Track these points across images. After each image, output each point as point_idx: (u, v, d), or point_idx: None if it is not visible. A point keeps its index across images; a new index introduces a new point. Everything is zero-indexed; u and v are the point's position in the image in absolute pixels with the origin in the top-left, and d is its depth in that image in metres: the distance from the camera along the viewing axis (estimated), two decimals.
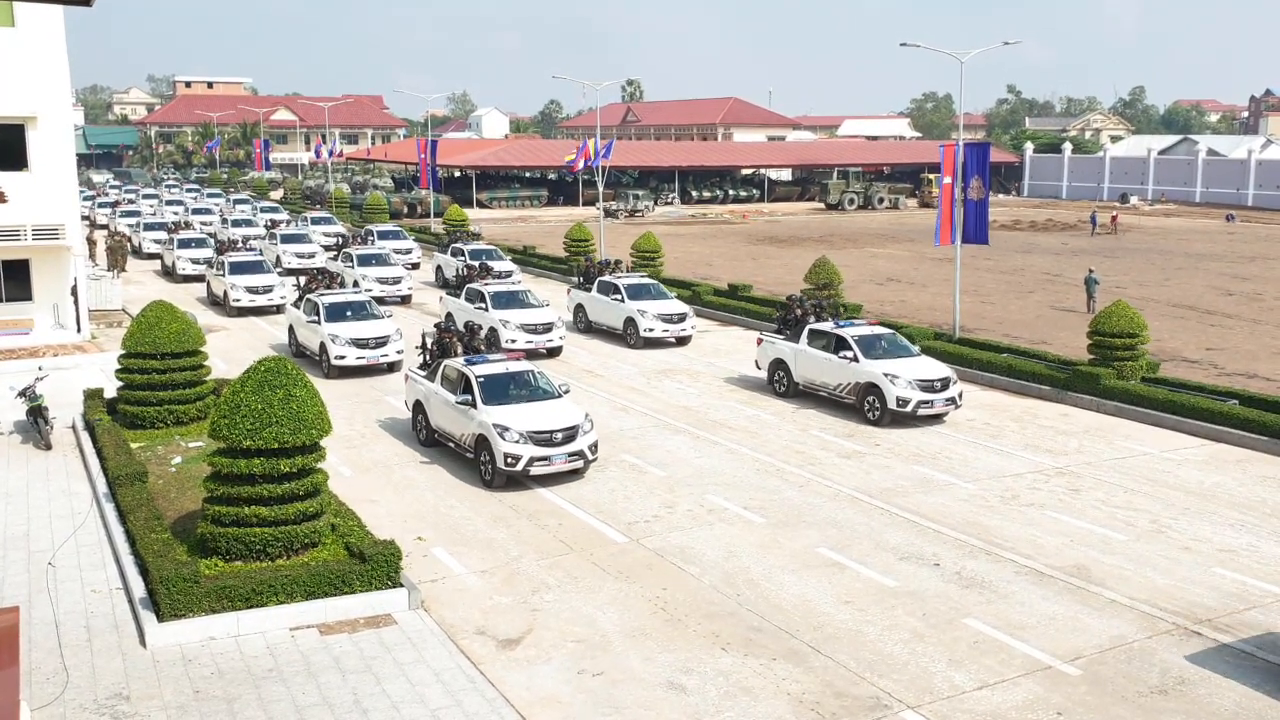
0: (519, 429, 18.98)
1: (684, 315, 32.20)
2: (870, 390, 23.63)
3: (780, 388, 26.19)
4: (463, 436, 20.12)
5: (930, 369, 23.97)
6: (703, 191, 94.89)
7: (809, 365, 25.34)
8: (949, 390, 23.53)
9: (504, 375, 20.57)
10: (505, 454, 18.76)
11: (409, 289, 40.19)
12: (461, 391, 20.24)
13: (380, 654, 13.19)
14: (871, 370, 23.65)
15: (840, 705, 12.20)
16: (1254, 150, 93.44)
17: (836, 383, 24.55)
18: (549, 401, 20.20)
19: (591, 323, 33.90)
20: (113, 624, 13.84)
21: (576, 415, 19.81)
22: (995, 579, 15.59)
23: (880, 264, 52.43)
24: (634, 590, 15.13)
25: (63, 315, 30.71)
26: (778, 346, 26.49)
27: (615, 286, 32.92)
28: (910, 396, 23.12)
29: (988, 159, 30.46)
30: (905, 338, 25.94)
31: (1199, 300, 41.14)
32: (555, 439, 19.12)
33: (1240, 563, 16.23)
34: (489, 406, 19.56)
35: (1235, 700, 12.36)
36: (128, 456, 18.60)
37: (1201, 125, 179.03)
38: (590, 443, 19.53)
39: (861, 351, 24.06)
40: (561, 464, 19.16)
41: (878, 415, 23.46)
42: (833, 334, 24.96)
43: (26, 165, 28.77)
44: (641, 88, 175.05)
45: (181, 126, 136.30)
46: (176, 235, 46.82)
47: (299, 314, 29.82)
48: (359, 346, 27.57)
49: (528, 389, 20.56)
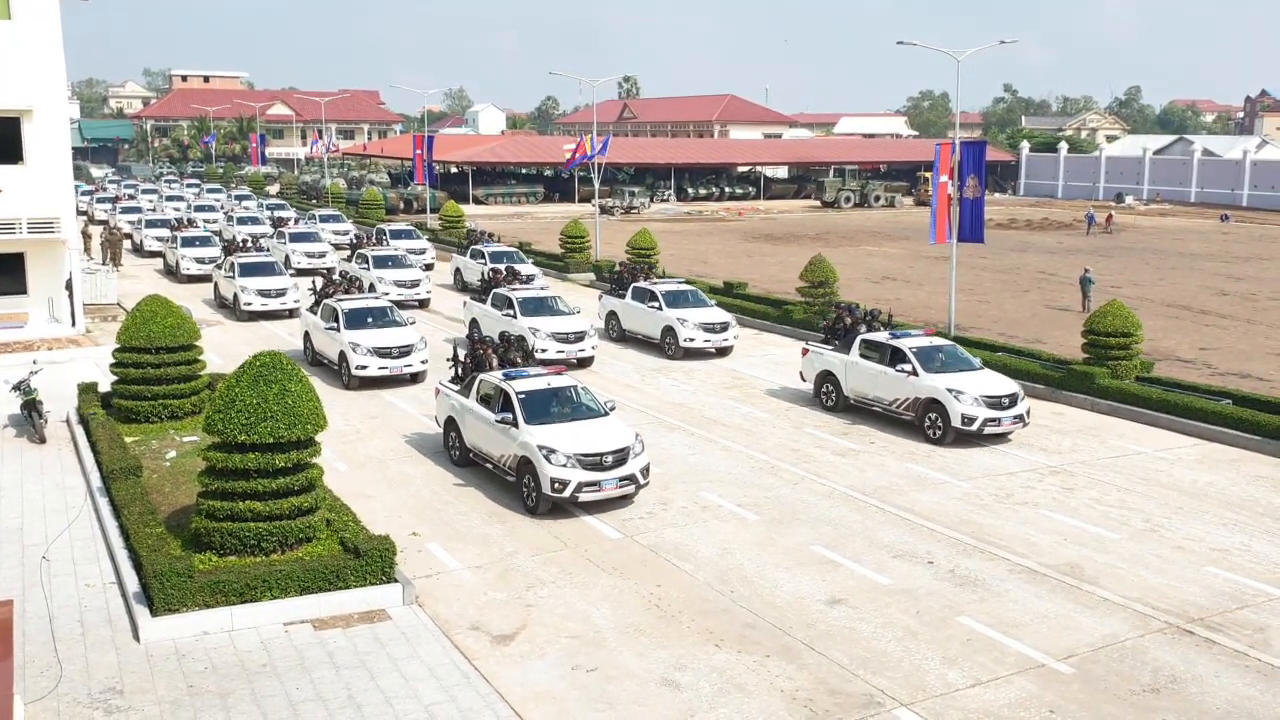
0: (566, 451, 17.48)
1: (726, 324, 30.40)
2: (931, 407, 22.07)
3: (828, 401, 24.63)
4: (502, 458, 18.69)
5: (996, 384, 22.46)
6: (699, 189, 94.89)
7: (861, 378, 23.79)
8: (1016, 407, 22.02)
9: (546, 391, 19.06)
10: (552, 479, 17.30)
11: (427, 292, 38.30)
12: (500, 409, 18.73)
13: (374, 649, 13.20)
14: (933, 385, 22.07)
15: (834, 702, 12.22)
16: (1249, 151, 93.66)
17: (893, 398, 22.96)
18: (596, 420, 18.73)
19: (625, 331, 32.19)
20: (106, 618, 13.84)
21: (626, 436, 18.27)
22: (989, 577, 15.63)
23: (876, 262, 52.47)
24: (628, 587, 15.15)
25: (57, 309, 30.67)
26: (825, 357, 24.81)
27: (652, 293, 31.14)
28: (976, 414, 21.58)
29: (984, 158, 30.49)
30: (966, 350, 24.41)
31: (1193, 300, 41.22)
32: (605, 462, 17.61)
33: (1233, 562, 16.28)
34: (532, 426, 18.07)
35: (1227, 699, 12.40)
36: (122, 451, 18.59)
37: (1197, 125, 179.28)
38: (642, 466, 18.02)
39: (920, 364, 22.54)
40: (612, 490, 17.64)
41: (940, 434, 21.89)
42: (888, 345, 23.32)
43: (22, 158, 28.72)
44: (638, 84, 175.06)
45: (177, 120, 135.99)
46: (180, 233, 45.20)
47: (316, 319, 28.28)
48: (381, 356, 25.95)
49: (571, 406, 19.09)
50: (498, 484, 19.24)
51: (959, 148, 30.00)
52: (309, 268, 43.35)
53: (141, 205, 62.57)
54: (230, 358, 27.26)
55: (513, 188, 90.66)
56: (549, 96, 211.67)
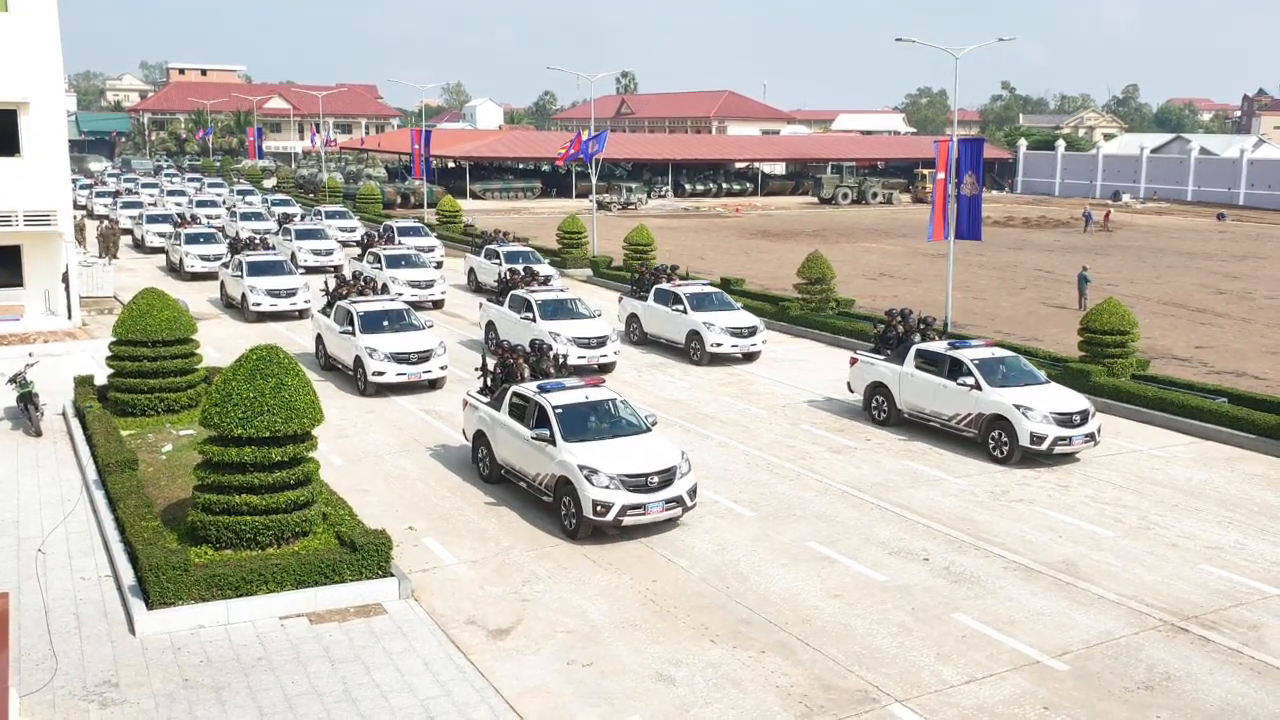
0: (609, 472, 16.31)
1: (755, 329, 29.14)
2: (996, 424, 20.75)
3: (879, 415, 23.26)
4: (538, 477, 17.50)
5: (1066, 399, 21.11)
6: (696, 185, 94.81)
7: (916, 391, 22.46)
8: (1087, 424, 20.69)
9: (584, 405, 17.87)
10: (594, 502, 16.13)
11: (442, 293, 36.87)
12: (535, 424, 17.58)
13: (370, 643, 13.21)
14: (1000, 401, 20.72)
15: (828, 698, 12.25)
16: (1246, 149, 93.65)
17: (953, 413, 21.65)
18: (638, 437, 17.53)
19: (647, 334, 31.01)
20: (102, 611, 13.84)
21: (672, 454, 17.11)
22: (984, 574, 15.65)
23: (873, 259, 52.49)
24: (624, 582, 15.17)
25: (54, 302, 30.60)
26: (877, 368, 23.48)
27: (676, 296, 29.92)
28: (1046, 432, 20.23)
29: (982, 155, 30.50)
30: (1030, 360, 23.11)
31: (1190, 298, 41.28)
32: (651, 483, 16.43)
33: (1227, 560, 16.32)
34: (571, 444, 16.92)
35: (1221, 696, 12.44)
36: (118, 444, 18.59)
37: (1194, 124, 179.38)
38: (689, 487, 16.86)
39: (983, 377, 21.25)
40: (658, 513, 16.49)
41: (1005, 453, 20.57)
42: (946, 356, 21.99)
43: (19, 151, 28.60)
44: (636, 80, 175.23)
45: (175, 114, 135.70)
46: (183, 230, 43.81)
47: (329, 322, 27.02)
48: (399, 361, 24.75)
49: (610, 421, 17.91)
50: (495, 479, 19.23)
51: (957, 145, 30.02)
52: (316, 265, 42.41)
53: (143, 200, 60.93)
54: (226, 351, 27.22)
55: (510, 183, 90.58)
56: (547, 92, 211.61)
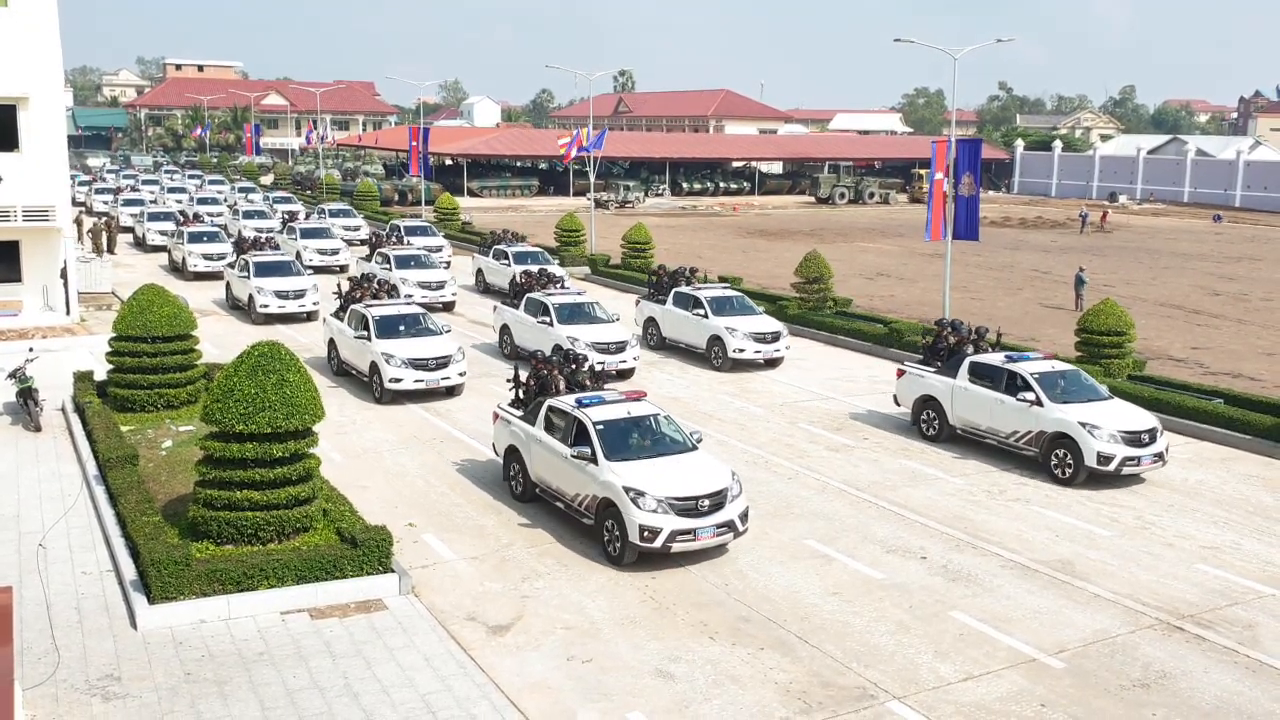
0: (656, 494, 15.28)
1: (778, 334, 28.36)
2: (1060, 443, 19.70)
3: (929, 430, 22.22)
4: (578, 498, 16.51)
5: (1134, 416, 20.06)
6: (693, 184, 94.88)
7: (971, 406, 21.41)
8: (1156, 443, 19.65)
9: (626, 421, 16.82)
10: (641, 526, 15.10)
11: (453, 294, 35.83)
12: (575, 441, 16.60)
13: (371, 638, 13.27)
14: (1064, 419, 19.65)
15: (827, 695, 12.32)
16: (1242, 151, 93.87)
17: (1011, 430, 20.61)
18: (684, 456, 16.50)
19: (666, 339, 30.20)
20: (103, 606, 13.89)
21: (723, 475, 16.07)
22: (981, 572, 15.74)
23: (870, 259, 52.58)
24: (623, 579, 15.23)
25: (52, 297, 30.62)
26: (927, 381, 22.40)
27: (696, 300, 29.10)
28: (1114, 452, 19.15)
29: (979, 155, 30.56)
30: (1091, 376, 21.89)
31: (1186, 299, 41.40)
32: (701, 507, 15.42)
33: (1223, 559, 16.41)
34: (614, 463, 15.90)
35: (1216, 694, 12.52)
36: (118, 439, 18.63)
37: (1191, 125, 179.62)
38: (741, 510, 15.83)
39: (1043, 392, 20.25)
40: (709, 538, 15.49)
41: (1069, 473, 19.53)
42: (1003, 369, 20.98)
43: (17, 146, 28.61)
44: (633, 78, 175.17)
45: (171, 109, 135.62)
46: (186, 228, 43.03)
47: (342, 326, 26.16)
48: (417, 368, 23.92)
49: (654, 437, 16.89)
50: (492, 477, 19.31)
51: (955, 145, 30.09)
52: (322, 265, 41.94)
53: (144, 197, 59.71)
54: (226, 348, 27.27)
55: (507, 180, 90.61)
56: (544, 89, 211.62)
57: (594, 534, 16.24)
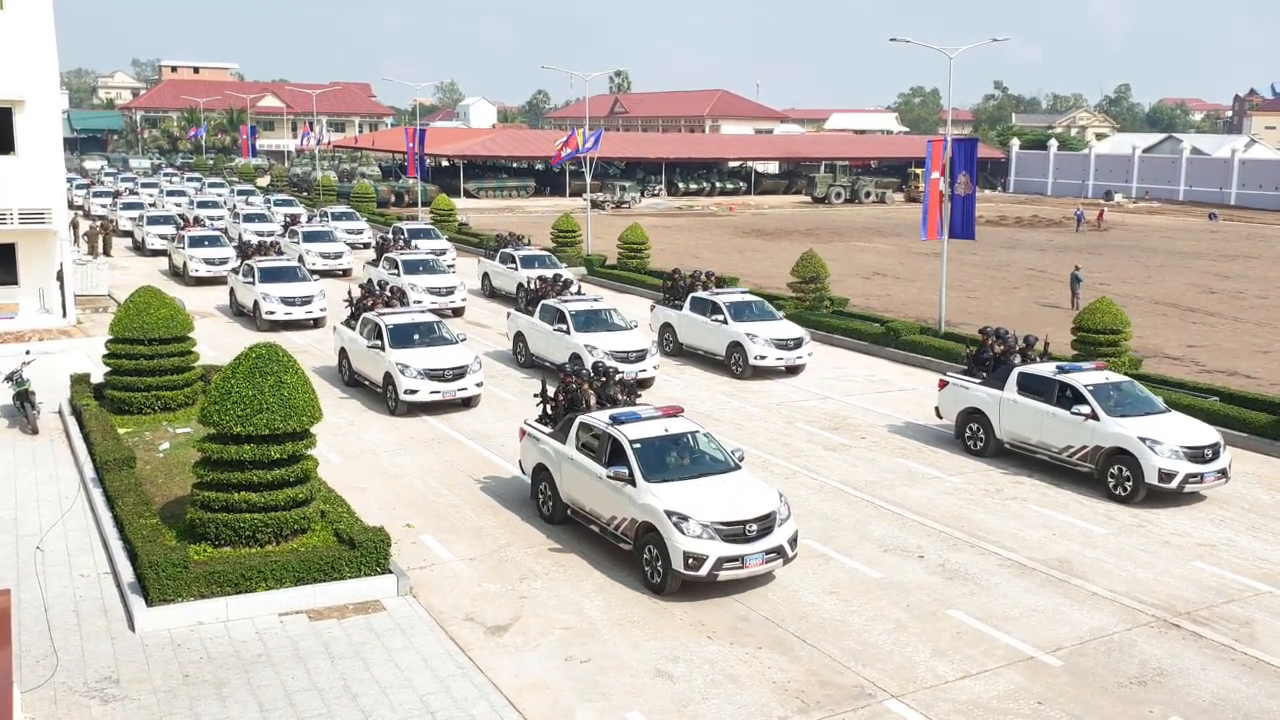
0: (701, 518, 14.37)
1: (800, 340, 27.64)
2: (1117, 459, 18.80)
3: (975, 444, 21.24)
4: (614, 521, 15.62)
5: (1195, 431, 19.13)
6: (689, 184, 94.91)
7: (1019, 419, 20.42)
8: (1219, 459, 18.73)
9: (664, 439, 15.94)
10: (685, 554, 14.19)
11: (462, 300, 35.02)
12: (610, 460, 15.71)
13: (369, 640, 13.28)
14: (1122, 433, 18.74)
15: (825, 694, 12.35)
16: (1237, 149, 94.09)
17: (1064, 445, 19.67)
18: (728, 476, 15.57)
19: (683, 345, 29.41)
20: (101, 608, 13.90)
21: (770, 497, 15.13)
22: (978, 571, 15.77)
23: (866, 258, 52.63)
24: (621, 579, 15.24)
25: (48, 300, 30.61)
26: (972, 393, 21.41)
27: (715, 305, 28.30)
28: (1176, 469, 18.24)
29: (975, 154, 30.60)
30: (1145, 387, 20.88)
31: (1181, 298, 41.48)
32: (749, 532, 14.48)
33: (1219, 557, 16.45)
34: (654, 484, 14.99)
35: (1212, 692, 12.56)
36: (115, 442, 18.61)
37: (1186, 124, 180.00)
38: (790, 535, 14.89)
39: (1099, 405, 19.28)
40: (757, 565, 14.54)
41: (1128, 490, 18.62)
42: (1054, 381, 20.02)
43: (13, 149, 28.62)
44: (629, 79, 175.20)
45: (167, 111, 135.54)
46: (187, 232, 42.23)
47: (354, 335, 25.36)
48: (433, 379, 23.11)
49: (694, 456, 16.02)
50: (489, 476, 19.33)
51: (950, 145, 30.14)
52: (325, 269, 41.33)
53: (143, 201, 58.71)
54: (222, 349, 27.25)
55: (504, 181, 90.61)
56: (540, 90, 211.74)
57: (626, 556, 15.54)
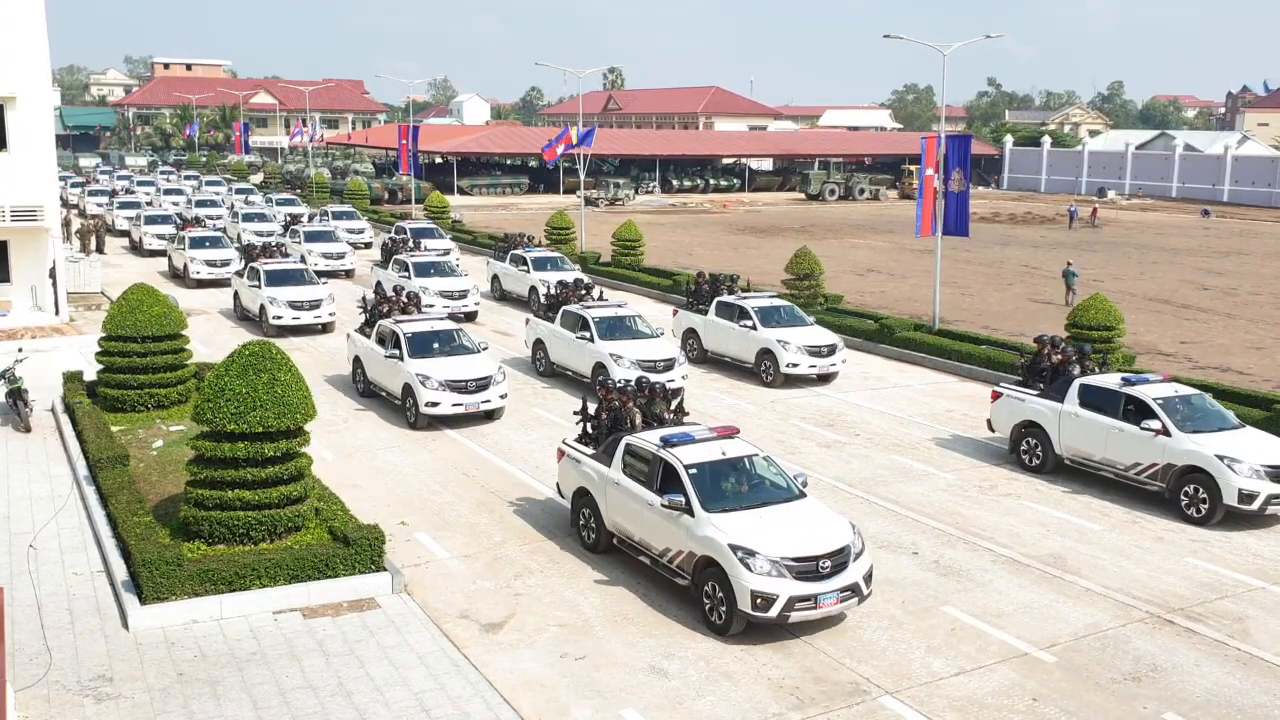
0: (769, 554, 13.13)
1: (834, 347, 26.37)
2: (1191, 477, 17.63)
3: (1032, 460, 20.06)
4: (667, 554, 14.34)
5: (1275, 448, 17.89)
6: (683, 181, 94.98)
7: (1082, 434, 19.27)
8: None
9: (722, 464, 14.65)
10: (753, 593, 12.93)
11: (475, 304, 33.79)
12: (662, 487, 14.44)
13: (364, 637, 13.26)
14: (1198, 451, 17.54)
15: (819, 690, 12.35)
16: (1230, 146, 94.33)
17: (1131, 462, 18.51)
18: (793, 505, 14.29)
19: (708, 352, 28.23)
20: (95, 606, 13.86)
21: (842, 529, 13.84)
22: (973, 567, 15.79)
23: (860, 255, 52.66)
24: (616, 576, 15.23)
25: (41, 297, 30.56)
26: (1028, 405, 20.20)
27: (744, 310, 27.15)
28: (1257, 489, 17.03)
29: (969, 151, 30.66)
30: (1214, 400, 19.63)
31: (1174, 294, 41.55)
32: (823, 569, 13.23)
33: (1212, 553, 16.48)
34: (713, 514, 13.74)
35: (1207, 687, 12.58)
36: (108, 439, 18.57)
37: (1179, 121, 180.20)
38: (865, 571, 13.64)
39: (1170, 420, 18.10)
40: (831, 605, 13.29)
41: (1204, 511, 17.41)
42: (1120, 394, 18.82)
43: (5, 146, 28.60)
44: (623, 76, 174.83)
45: (160, 108, 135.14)
46: (187, 233, 40.83)
47: (369, 344, 24.22)
48: (455, 390, 21.94)
49: (753, 483, 14.77)
50: (487, 474, 19.30)
51: (945, 141, 30.16)
52: (328, 270, 40.17)
53: (140, 200, 57.15)
54: (215, 347, 27.20)
55: (498, 178, 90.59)
56: (534, 87, 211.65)
57: (677, 589, 14.42)
